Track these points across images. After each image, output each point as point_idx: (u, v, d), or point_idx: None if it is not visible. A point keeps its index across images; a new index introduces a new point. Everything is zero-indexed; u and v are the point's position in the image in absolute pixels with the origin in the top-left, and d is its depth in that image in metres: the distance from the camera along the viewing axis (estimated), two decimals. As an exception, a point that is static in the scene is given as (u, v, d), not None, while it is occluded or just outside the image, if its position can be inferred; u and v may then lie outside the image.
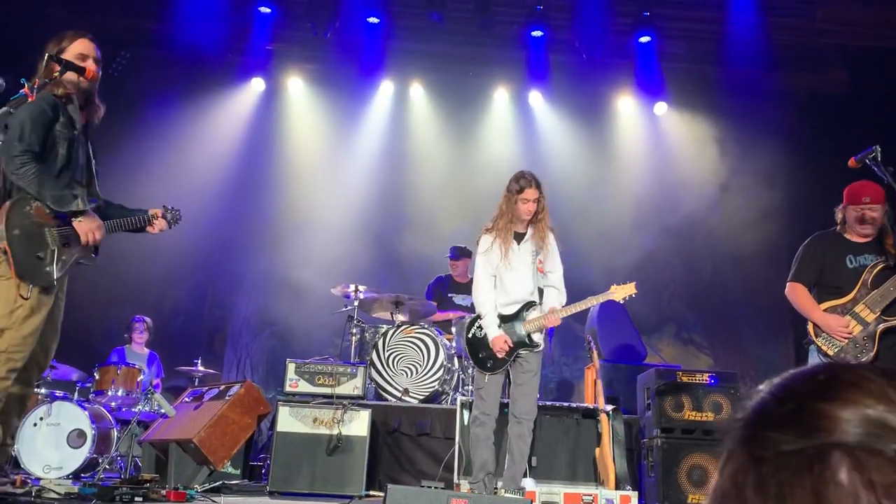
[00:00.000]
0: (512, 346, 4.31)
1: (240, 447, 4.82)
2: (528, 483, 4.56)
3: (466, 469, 4.63)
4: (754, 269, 8.52)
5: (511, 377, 4.42)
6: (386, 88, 9.24)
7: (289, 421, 5.03)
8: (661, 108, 9.19)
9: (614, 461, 4.92)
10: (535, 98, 9.26)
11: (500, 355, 4.29)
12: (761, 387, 0.62)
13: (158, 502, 3.17)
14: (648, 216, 8.95)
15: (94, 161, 3.77)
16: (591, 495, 4.70)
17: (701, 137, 9.06)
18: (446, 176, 8.95)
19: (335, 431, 4.98)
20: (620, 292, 4.47)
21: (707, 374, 5.17)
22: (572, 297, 4.52)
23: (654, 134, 9.23)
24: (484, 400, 4.33)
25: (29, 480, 3.82)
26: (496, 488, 4.15)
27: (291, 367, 5.38)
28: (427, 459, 5.22)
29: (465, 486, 4.51)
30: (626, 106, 9.25)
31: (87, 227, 3.46)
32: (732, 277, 8.72)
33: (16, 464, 4.93)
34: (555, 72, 8.92)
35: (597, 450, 5.12)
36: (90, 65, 3.58)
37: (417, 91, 9.28)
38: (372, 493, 3.84)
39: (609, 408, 5.11)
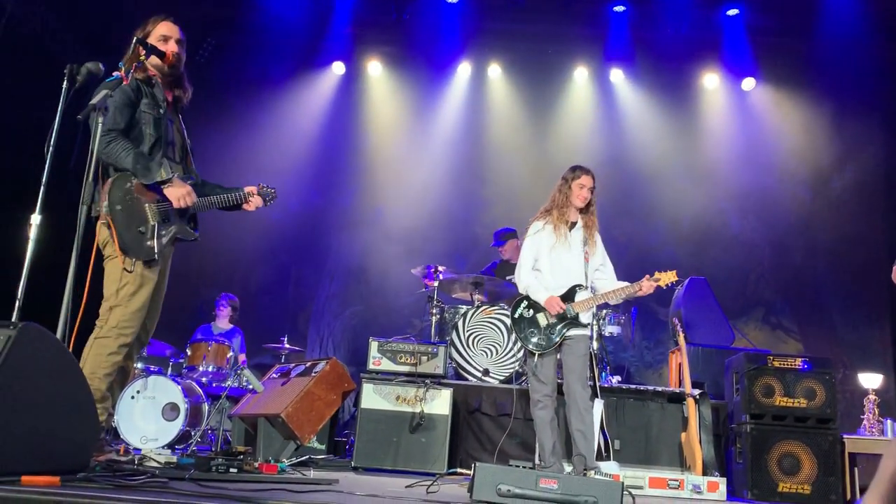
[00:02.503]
0: (564, 308, 4.39)
1: (325, 423, 4.92)
2: (612, 466, 4.52)
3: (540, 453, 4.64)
4: (849, 253, 8.15)
5: (562, 361, 4.47)
6: (464, 69, 9.20)
7: (372, 398, 5.12)
8: (749, 84, 8.82)
9: (701, 446, 4.82)
10: (617, 76, 9.04)
11: (553, 312, 4.38)
12: None
13: (251, 474, 3.26)
14: (735, 197, 8.65)
15: (188, 140, 3.91)
16: (677, 480, 4.62)
17: (792, 115, 8.68)
18: (525, 157, 8.87)
19: (418, 409, 5.04)
20: (664, 279, 4.47)
21: (800, 359, 4.98)
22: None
23: (742, 112, 8.87)
24: (542, 382, 4.40)
25: (130, 450, 4.01)
26: (585, 469, 4.13)
27: (374, 345, 5.46)
28: (508, 440, 5.21)
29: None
30: (712, 83, 8.92)
31: (177, 193, 3.58)
32: (825, 261, 8.36)
33: (115, 434, 5.18)
34: (637, 48, 8.69)
35: (683, 434, 5.02)
36: (171, 46, 3.73)
37: (495, 71, 9.20)
38: (459, 470, 3.86)
39: (696, 392, 4.99)
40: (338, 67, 9.19)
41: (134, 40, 3.61)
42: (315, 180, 8.81)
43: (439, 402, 5.11)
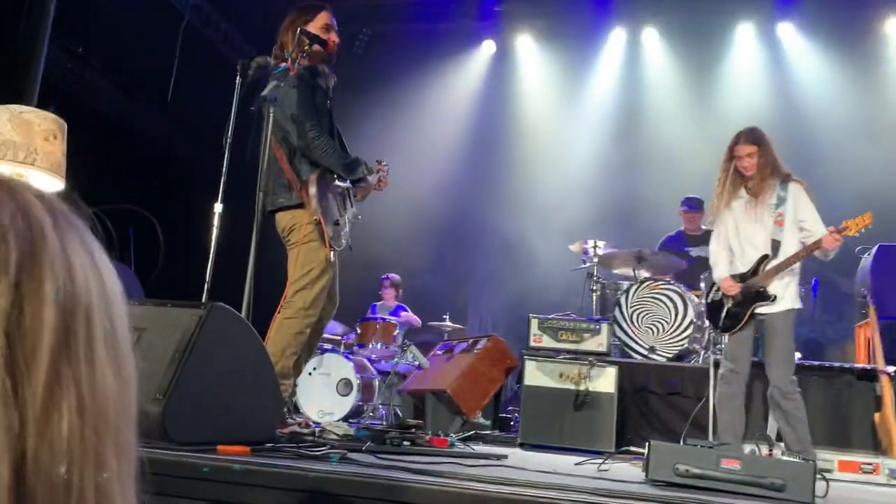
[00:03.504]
0: (741, 289, 4.19)
1: (489, 399, 4.96)
2: (796, 448, 4.23)
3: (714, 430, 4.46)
4: None
5: (762, 341, 4.29)
6: (617, 37, 8.88)
7: (535, 375, 5.09)
8: (941, 26, 7.89)
9: (899, 428, 4.40)
10: (785, 30, 8.37)
11: (729, 293, 4.22)
12: None
13: (423, 447, 3.34)
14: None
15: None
16: (871, 464, 4.25)
17: None
18: (686, 125, 8.45)
19: (582, 387, 4.95)
20: (854, 226, 4.03)
21: None
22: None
23: (935, 57, 7.96)
24: (728, 359, 4.27)
25: (311, 423, 4.24)
26: (770, 448, 3.91)
27: (534, 322, 5.40)
28: (678, 419, 5.01)
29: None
30: (894, 28, 8.05)
31: (366, 191, 3.76)
32: None
33: (296, 408, 5.50)
34: (807, -3, 8.01)
35: (876, 415, 4.61)
36: (333, 36, 3.82)
37: (651, 35, 8.81)
38: (632, 448, 3.76)
39: (891, 369, 4.56)
40: (488, 46, 9.18)
41: (297, 31, 3.71)
42: (470, 160, 8.89)
43: (604, 380, 4.99)
